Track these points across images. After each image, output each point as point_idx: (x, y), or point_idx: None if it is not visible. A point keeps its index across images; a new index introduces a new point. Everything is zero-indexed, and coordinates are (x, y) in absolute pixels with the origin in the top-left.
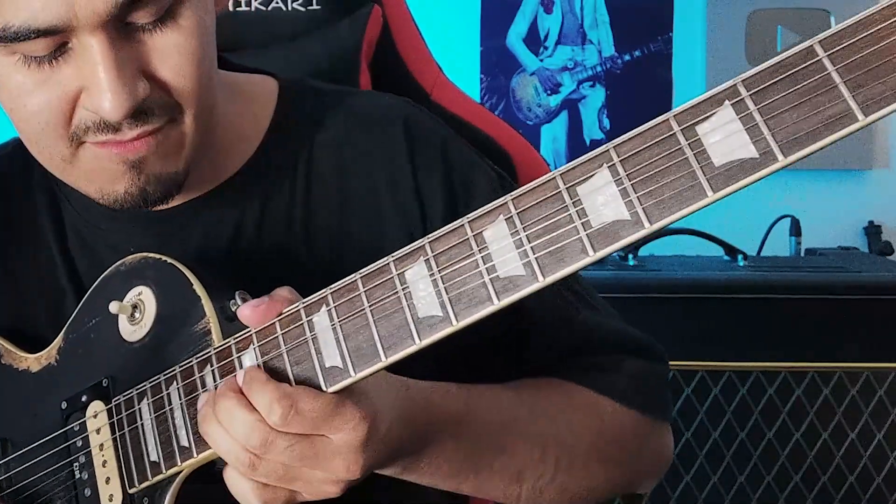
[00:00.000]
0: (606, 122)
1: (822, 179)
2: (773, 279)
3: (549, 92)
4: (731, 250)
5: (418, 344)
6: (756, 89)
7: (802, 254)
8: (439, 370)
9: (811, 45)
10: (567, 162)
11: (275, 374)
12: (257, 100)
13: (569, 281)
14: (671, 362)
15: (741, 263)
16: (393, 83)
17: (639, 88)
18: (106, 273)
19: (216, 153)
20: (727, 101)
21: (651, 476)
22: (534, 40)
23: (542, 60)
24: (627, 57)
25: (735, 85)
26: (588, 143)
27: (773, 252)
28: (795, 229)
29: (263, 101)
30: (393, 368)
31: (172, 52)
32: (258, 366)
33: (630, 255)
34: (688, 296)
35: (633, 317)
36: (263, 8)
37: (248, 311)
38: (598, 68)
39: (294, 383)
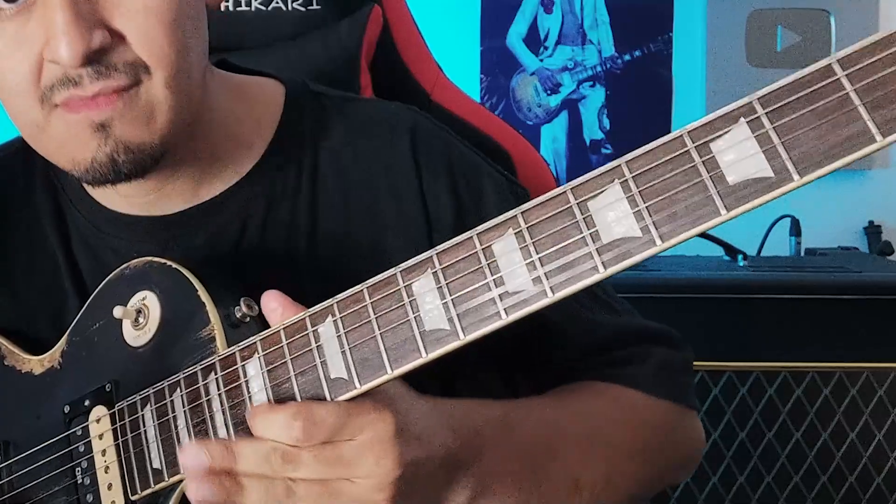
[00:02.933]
0: (606, 123)
1: (822, 179)
2: (773, 279)
3: (549, 92)
4: (731, 250)
5: (425, 357)
6: (772, 107)
7: (802, 254)
8: (452, 384)
9: (829, 64)
10: (567, 162)
11: (279, 383)
12: (262, 103)
13: None
14: None
15: (741, 263)
16: (393, 83)
17: (639, 88)
18: (110, 277)
19: (219, 158)
20: (742, 119)
21: (685, 467)
22: (534, 40)
23: (542, 60)
24: (627, 57)
25: (751, 102)
26: (588, 143)
27: (773, 252)
28: (795, 229)
29: (268, 105)
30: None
31: (138, 9)
32: (268, 400)
33: None
34: (688, 296)
35: None
36: (264, 8)
37: (275, 294)
38: (598, 68)
39: (298, 392)
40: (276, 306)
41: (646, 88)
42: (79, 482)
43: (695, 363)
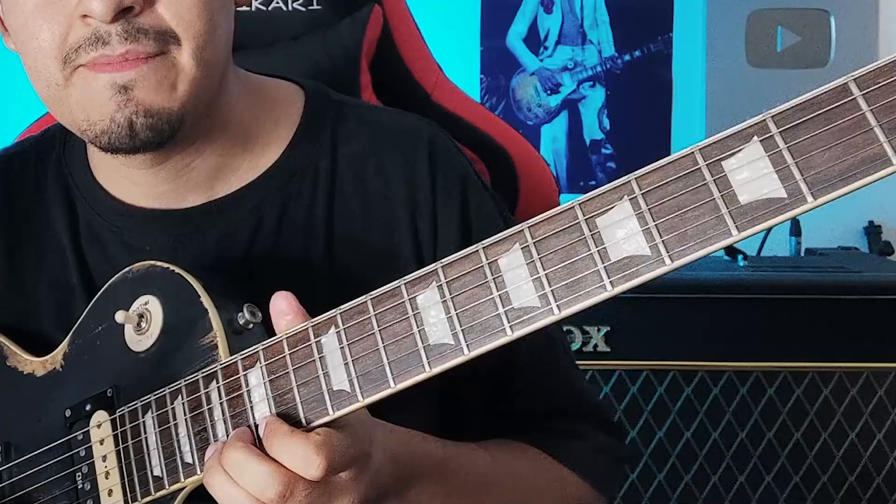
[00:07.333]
0: (606, 123)
1: None
2: (773, 279)
3: (549, 92)
4: (731, 250)
5: (428, 372)
6: (786, 126)
7: (802, 254)
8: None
9: (846, 83)
10: (567, 162)
11: (281, 394)
12: (281, 104)
13: (559, 338)
14: (671, 362)
15: (741, 263)
16: (393, 83)
17: (639, 88)
18: (113, 280)
19: (236, 154)
20: (756, 137)
21: None
22: (534, 40)
23: (542, 60)
24: (627, 57)
25: (764, 120)
26: (588, 143)
27: (773, 252)
28: (795, 229)
29: (287, 107)
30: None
31: None
32: (274, 414)
33: None
34: (688, 296)
35: (632, 317)
36: (264, 8)
37: (285, 295)
38: (598, 68)
39: (300, 404)
40: (284, 309)
41: (646, 88)
42: (79, 487)
43: (694, 363)
